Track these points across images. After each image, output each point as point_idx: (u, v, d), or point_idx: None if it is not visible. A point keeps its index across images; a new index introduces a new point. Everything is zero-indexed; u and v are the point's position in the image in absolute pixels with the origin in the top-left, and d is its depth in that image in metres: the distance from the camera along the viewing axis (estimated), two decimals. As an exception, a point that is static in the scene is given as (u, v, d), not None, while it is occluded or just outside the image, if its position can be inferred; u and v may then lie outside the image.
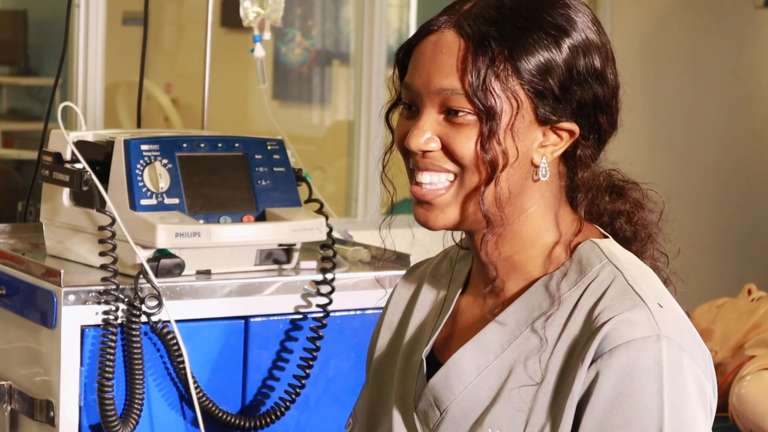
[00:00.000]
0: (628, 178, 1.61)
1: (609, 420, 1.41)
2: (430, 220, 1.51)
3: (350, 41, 5.77)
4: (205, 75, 2.91)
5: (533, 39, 1.46)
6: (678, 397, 1.42)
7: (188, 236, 2.25)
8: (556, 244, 1.53)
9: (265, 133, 2.59)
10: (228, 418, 2.31)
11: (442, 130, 1.48)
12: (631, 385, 1.41)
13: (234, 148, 2.42)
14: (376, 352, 1.73)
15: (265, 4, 2.82)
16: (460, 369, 1.54)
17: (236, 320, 2.35)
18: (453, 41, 1.48)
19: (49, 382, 2.23)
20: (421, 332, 1.66)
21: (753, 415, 2.73)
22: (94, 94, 3.93)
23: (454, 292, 1.63)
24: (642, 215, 1.60)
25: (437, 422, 1.56)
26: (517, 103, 1.46)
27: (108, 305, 2.20)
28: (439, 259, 1.72)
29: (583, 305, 1.47)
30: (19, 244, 2.60)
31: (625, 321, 1.43)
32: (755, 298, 3.14)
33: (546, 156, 1.50)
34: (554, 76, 1.47)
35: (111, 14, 4.03)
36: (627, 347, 1.41)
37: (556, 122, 1.49)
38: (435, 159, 1.49)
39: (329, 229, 2.44)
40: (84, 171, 2.29)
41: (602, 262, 1.50)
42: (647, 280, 1.50)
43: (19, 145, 5.71)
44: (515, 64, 1.46)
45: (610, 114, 1.53)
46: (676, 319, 1.47)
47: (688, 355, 1.44)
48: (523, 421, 1.47)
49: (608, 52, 1.52)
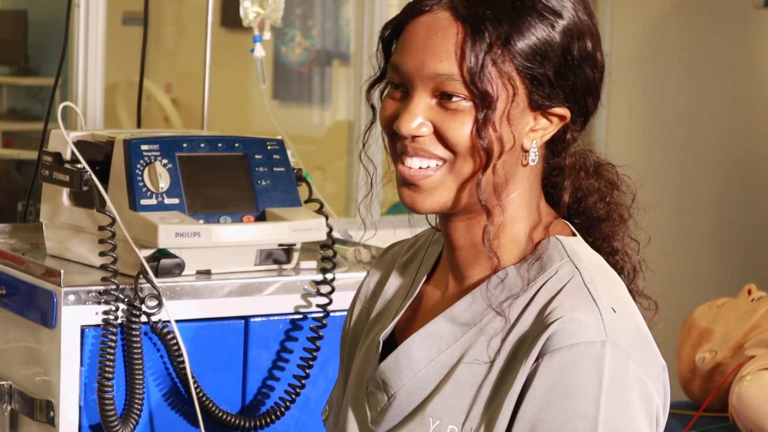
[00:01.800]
0: (603, 159, 1.59)
1: (542, 420, 1.39)
2: (417, 203, 1.48)
3: (350, 41, 5.78)
4: (205, 75, 2.91)
5: (528, 22, 1.44)
6: (616, 406, 1.38)
7: (188, 236, 2.25)
8: (531, 235, 1.51)
9: (265, 133, 2.59)
10: (228, 418, 2.31)
11: (435, 115, 1.45)
12: (568, 390, 1.38)
13: (234, 148, 2.42)
14: (349, 333, 1.72)
15: (265, 4, 2.82)
16: (410, 356, 1.53)
17: (236, 320, 2.35)
18: (448, 24, 1.44)
19: (49, 382, 2.23)
20: (384, 315, 1.64)
21: (753, 415, 2.73)
22: (94, 94, 3.93)
23: (420, 277, 1.61)
24: (616, 195, 1.57)
25: (384, 407, 1.54)
26: (513, 89, 1.44)
27: (108, 305, 2.20)
28: (414, 240, 1.70)
29: (538, 301, 1.45)
30: (19, 244, 2.60)
31: (573, 322, 1.40)
32: (755, 298, 3.14)
33: (536, 140, 1.48)
34: (549, 61, 1.45)
35: (111, 14, 4.02)
36: (569, 350, 1.39)
37: (548, 107, 1.47)
38: (425, 144, 1.45)
39: (329, 229, 2.44)
40: (84, 171, 2.29)
41: (562, 260, 1.48)
42: (605, 282, 1.47)
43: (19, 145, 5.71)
44: (511, 48, 1.43)
45: (596, 97, 1.52)
46: (628, 325, 1.44)
47: (634, 362, 1.41)
48: (464, 413, 1.46)
49: (597, 33, 1.51)
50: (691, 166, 5.94)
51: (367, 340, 1.65)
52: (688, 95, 5.96)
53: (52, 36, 5.87)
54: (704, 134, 6.04)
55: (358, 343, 1.69)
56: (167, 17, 6.26)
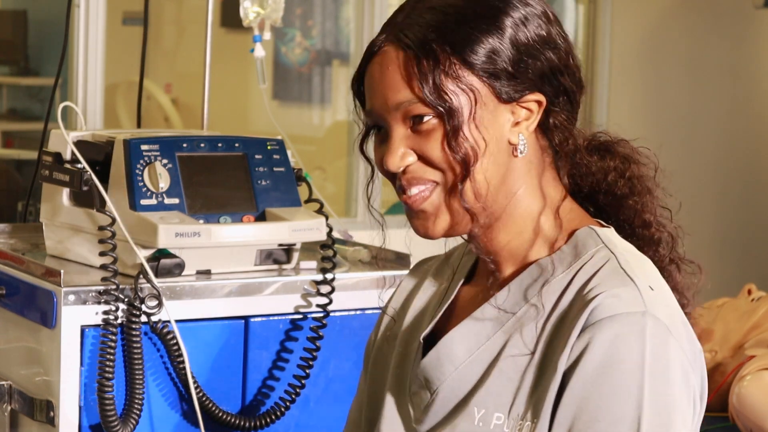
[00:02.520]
0: (615, 137, 1.61)
1: (590, 391, 1.42)
2: (429, 229, 1.52)
3: (350, 41, 5.78)
4: (205, 75, 2.91)
5: (471, 27, 1.47)
6: (660, 373, 1.42)
7: (188, 236, 2.25)
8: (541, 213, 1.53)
9: (265, 133, 2.59)
10: (228, 418, 2.31)
11: (413, 142, 1.49)
12: (613, 357, 1.41)
13: (234, 148, 2.42)
14: (374, 345, 1.73)
15: (265, 4, 2.82)
16: (451, 349, 1.54)
17: (236, 320, 2.35)
18: (395, 55, 1.49)
19: (49, 382, 2.23)
20: (421, 319, 1.66)
21: (753, 415, 2.73)
22: (94, 94, 3.94)
23: (457, 282, 1.63)
24: (634, 169, 1.60)
25: (428, 403, 1.56)
26: (474, 93, 1.47)
27: (108, 305, 2.20)
28: (447, 255, 1.73)
29: (575, 284, 1.48)
30: (19, 244, 2.60)
31: (613, 296, 1.43)
32: (755, 298, 3.14)
33: (522, 133, 1.50)
34: (503, 56, 1.47)
35: (111, 14, 4.03)
36: (611, 320, 1.42)
37: (520, 98, 1.49)
38: (416, 172, 1.50)
39: (329, 229, 2.44)
40: (84, 171, 2.29)
41: (598, 247, 1.51)
42: (641, 266, 1.50)
43: (19, 145, 5.72)
44: (461, 56, 1.47)
45: (572, 73, 1.53)
46: (667, 304, 1.48)
47: (675, 338, 1.44)
48: (510, 400, 1.48)
49: (549, 15, 1.52)
50: (691, 165, 5.94)
51: (403, 346, 1.66)
52: (688, 95, 5.96)
53: (52, 36, 5.87)
54: (704, 134, 6.04)
55: (384, 351, 1.70)
56: (167, 17, 6.26)
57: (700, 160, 5.99)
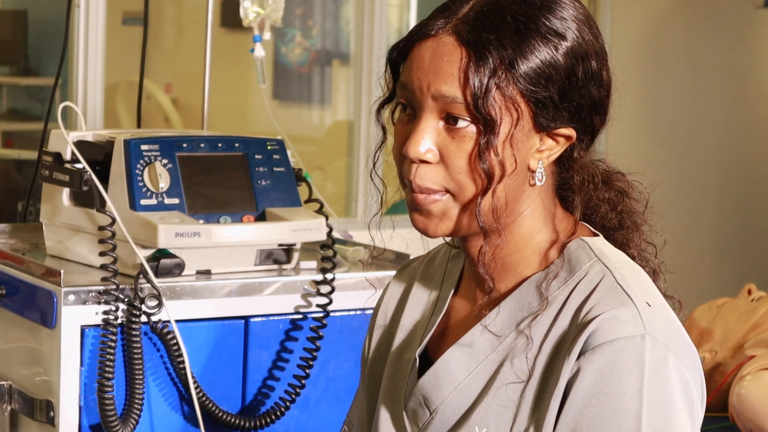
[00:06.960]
0: (613, 168, 1.61)
1: (585, 416, 1.42)
2: (429, 228, 1.50)
3: (350, 41, 5.78)
4: (205, 75, 2.91)
5: (532, 46, 1.45)
6: (659, 398, 1.41)
7: (188, 236, 2.25)
8: (553, 244, 1.53)
9: (265, 133, 2.59)
10: (228, 418, 2.31)
11: (441, 140, 1.47)
12: (611, 383, 1.41)
13: (234, 148, 2.42)
14: (369, 352, 1.73)
15: (265, 4, 2.82)
16: (449, 369, 1.54)
17: (236, 320, 2.35)
18: (453, 48, 1.45)
19: (49, 382, 2.23)
20: (413, 331, 1.65)
21: (753, 415, 2.73)
22: (94, 94, 3.94)
23: (447, 291, 1.63)
24: (627, 203, 1.59)
25: (427, 422, 1.56)
26: (518, 113, 1.45)
27: (108, 305, 2.20)
28: (431, 257, 1.72)
29: (572, 303, 1.47)
30: (19, 244, 2.60)
31: (612, 318, 1.43)
32: (755, 298, 3.14)
33: (542, 161, 1.49)
34: (554, 83, 1.46)
35: (111, 14, 4.03)
36: (611, 345, 1.42)
37: (554, 128, 1.48)
38: (429, 178, 1.47)
39: (329, 229, 2.44)
40: (84, 171, 2.29)
41: (591, 261, 1.50)
42: (636, 278, 1.50)
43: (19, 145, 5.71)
44: (515, 72, 1.44)
45: (604, 113, 1.53)
46: (663, 318, 1.47)
47: (673, 354, 1.44)
48: (511, 419, 1.47)
49: (603, 52, 1.51)
50: (691, 165, 5.94)
51: (396, 357, 1.65)
52: (688, 95, 5.96)
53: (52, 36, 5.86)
54: (704, 134, 6.04)
55: (378, 362, 1.70)
56: (167, 17, 6.26)
57: (700, 159, 5.99)
